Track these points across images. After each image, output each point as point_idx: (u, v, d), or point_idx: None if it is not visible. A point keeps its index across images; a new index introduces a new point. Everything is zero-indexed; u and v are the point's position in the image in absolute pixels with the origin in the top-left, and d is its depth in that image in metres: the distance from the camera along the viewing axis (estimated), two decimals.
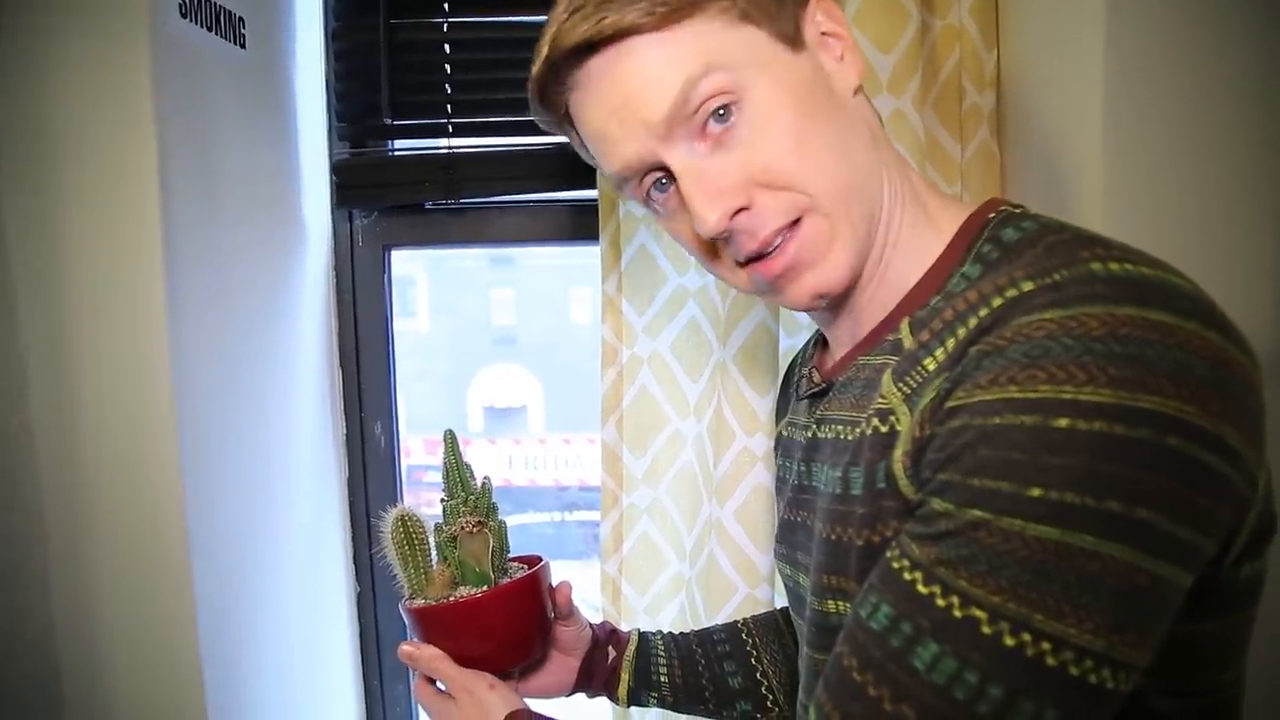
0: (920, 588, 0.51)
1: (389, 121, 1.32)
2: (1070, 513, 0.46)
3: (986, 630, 0.48)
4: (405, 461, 1.48)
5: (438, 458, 0.87)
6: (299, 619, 1.25)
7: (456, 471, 0.85)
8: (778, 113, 0.62)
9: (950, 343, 0.55)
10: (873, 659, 0.52)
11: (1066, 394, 0.47)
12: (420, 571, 0.83)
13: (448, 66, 1.31)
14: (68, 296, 0.95)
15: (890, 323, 0.65)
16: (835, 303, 0.70)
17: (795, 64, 0.63)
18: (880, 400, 0.60)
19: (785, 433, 0.84)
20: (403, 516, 0.83)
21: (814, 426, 0.72)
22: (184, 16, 0.97)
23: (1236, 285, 0.92)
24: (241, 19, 1.09)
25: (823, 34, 0.66)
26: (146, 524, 0.98)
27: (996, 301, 0.53)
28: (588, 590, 1.27)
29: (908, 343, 0.61)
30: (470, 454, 0.87)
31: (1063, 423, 0.47)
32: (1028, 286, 0.52)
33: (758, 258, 0.65)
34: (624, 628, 1.02)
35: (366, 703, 1.44)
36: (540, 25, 0.67)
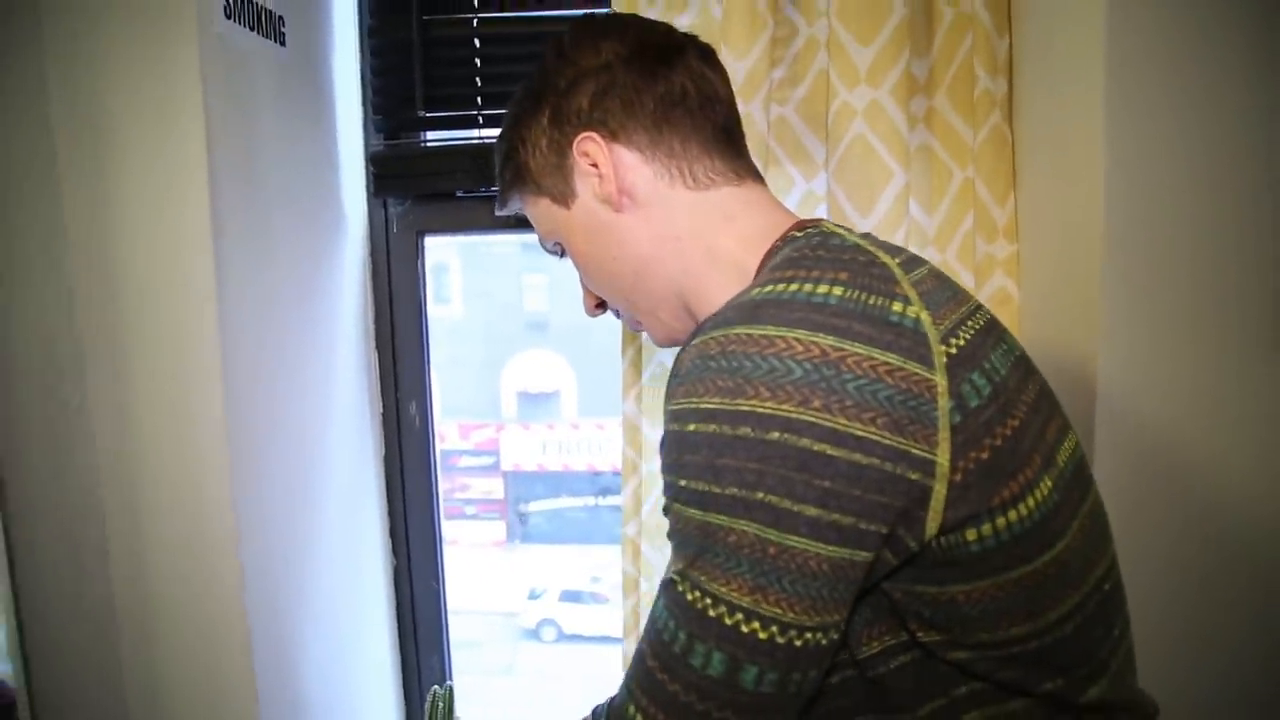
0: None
1: (422, 114, 1.37)
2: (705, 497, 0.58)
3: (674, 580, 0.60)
4: (440, 446, 1.53)
5: (471, 442, 0.94)
6: (339, 589, 1.30)
7: None
8: (576, 255, 0.83)
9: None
10: None
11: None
12: None
13: (478, 61, 1.36)
14: (123, 282, 0.99)
15: None
16: None
17: (572, 217, 0.80)
18: None
19: None
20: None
21: None
22: (229, 17, 1.02)
23: (1238, 269, 0.94)
24: (282, 18, 1.14)
25: (590, 165, 0.77)
26: (196, 498, 1.02)
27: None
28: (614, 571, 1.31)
29: None
30: (504, 439, 0.95)
31: (690, 427, 0.58)
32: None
33: None
34: (643, 586, 1.05)
35: (403, 672, 1.50)
36: (564, 19, 0.78)
